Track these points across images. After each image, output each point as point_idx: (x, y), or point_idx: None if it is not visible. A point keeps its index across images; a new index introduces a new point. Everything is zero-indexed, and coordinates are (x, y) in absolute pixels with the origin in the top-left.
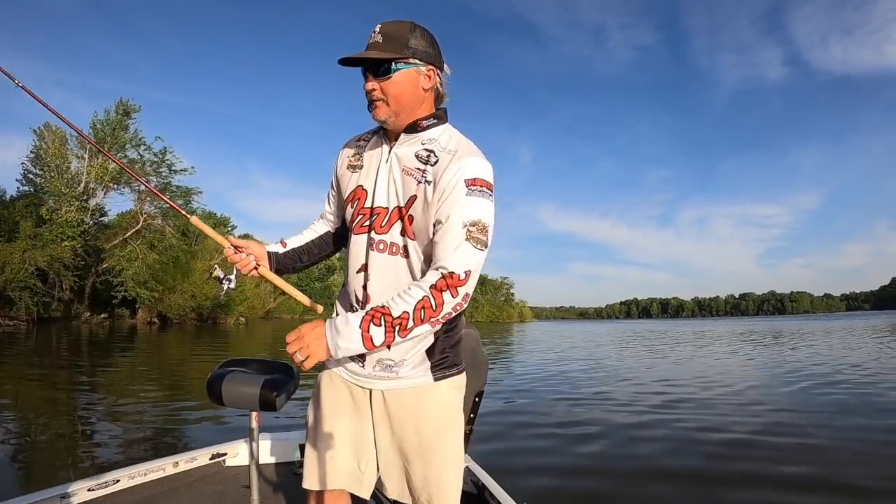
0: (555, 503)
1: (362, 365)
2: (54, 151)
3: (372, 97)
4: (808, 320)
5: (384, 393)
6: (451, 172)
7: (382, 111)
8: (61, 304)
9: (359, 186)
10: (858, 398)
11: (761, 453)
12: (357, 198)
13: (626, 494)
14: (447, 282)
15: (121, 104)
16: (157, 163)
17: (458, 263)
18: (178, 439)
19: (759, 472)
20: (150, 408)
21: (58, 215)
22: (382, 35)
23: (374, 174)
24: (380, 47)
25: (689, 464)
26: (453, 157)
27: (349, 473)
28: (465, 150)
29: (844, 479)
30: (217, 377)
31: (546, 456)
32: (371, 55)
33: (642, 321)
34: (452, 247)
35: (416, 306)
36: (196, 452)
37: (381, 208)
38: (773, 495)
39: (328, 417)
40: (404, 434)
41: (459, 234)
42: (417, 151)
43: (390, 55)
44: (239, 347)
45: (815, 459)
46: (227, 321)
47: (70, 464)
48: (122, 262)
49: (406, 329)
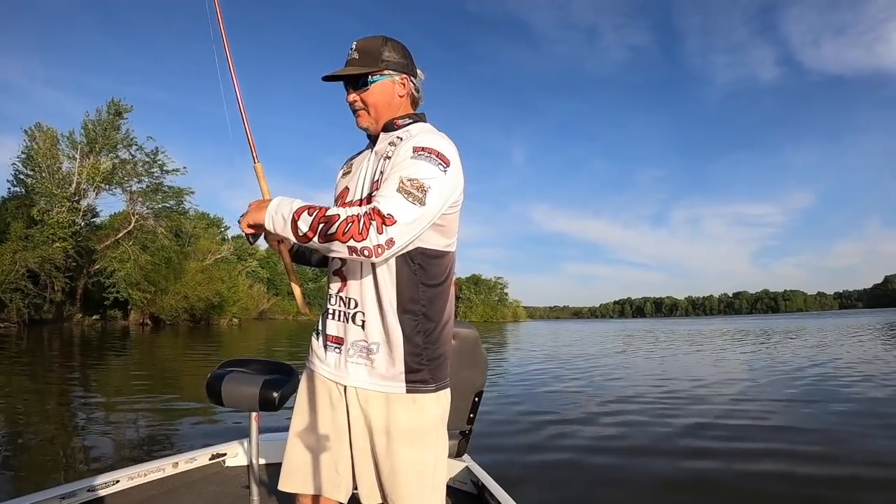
0: (554, 503)
1: (339, 350)
2: (45, 152)
3: (354, 107)
4: (804, 319)
5: (357, 391)
6: (405, 146)
7: (364, 119)
8: (53, 305)
9: (345, 188)
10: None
11: (766, 452)
12: (341, 197)
13: (627, 494)
14: (375, 215)
15: (112, 104)
16: (149, 163)
17: (386, 205)
18: (177, 440)
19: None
20: (145, 409)
21: (49, 216)
22: (358, 52)
23: (359, 173)
24: (357, 63)
25: (689, 463)
26: (410, 136)
27: (327, 479)
28: (427, 130)
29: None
30: (217, 377)
31: (545, 456)
32: (349, 72)
33: (636, 320)
34: (384, 193)
35: (347, 217)
36: (196, 453)
37: (358, 199)
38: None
39: (306, 420)
40: (375, 441)
41: (393, 185)
42: (391, 139)
43: (366, 69)
44: (232, 348)
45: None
46: (221, 322)
47: (64, 466)
48: (114, 264)
49: (328, 235)
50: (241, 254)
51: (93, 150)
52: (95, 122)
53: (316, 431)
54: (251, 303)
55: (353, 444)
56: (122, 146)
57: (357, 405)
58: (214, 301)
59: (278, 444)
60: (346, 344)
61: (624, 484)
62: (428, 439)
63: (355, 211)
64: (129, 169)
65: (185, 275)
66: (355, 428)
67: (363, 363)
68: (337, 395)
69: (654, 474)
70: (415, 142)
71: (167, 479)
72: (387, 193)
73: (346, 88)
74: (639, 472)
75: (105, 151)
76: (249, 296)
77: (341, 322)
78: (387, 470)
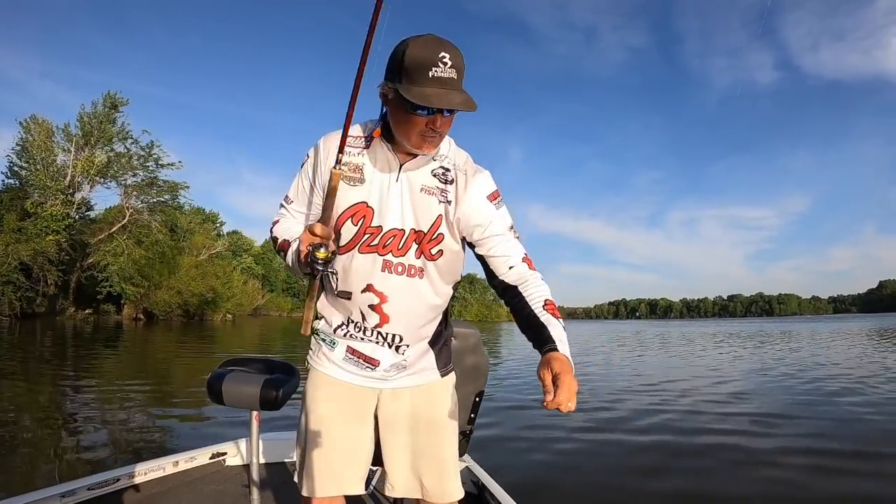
0: (554, 502)
1: (373, 369)
2: (40, 144)
3: (435, 133)
4: (797, 322)
5: (395, 391)
6: (472, 193)
7: (437, 144)
8: (46, 299)
9: (361, 202)
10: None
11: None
12: (360, 214)
13: (626, 494)
14: (531, 264)
15: (108, 97)
16: (144, 156)
17: (524, 251)
18: (177, 439)
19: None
20: (143, 408)
21: (43, 209)
22: (456, 70)
23: (383, 193)
24: (458, 86)
25: (689, 462)
26: (467, 177)
27: (349, 480)
28: (471, 167)
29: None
30: (217, 376)
31: (544, 455)
32: (471, 106)
33: (630, 321)
34: (512, 246)
35: (547, 290)
36: (196, 452)
37: (397, 230)
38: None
39: (327, 423)
40: (416, 428)
41: (512, 236)
42: (434, 170)
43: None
44: (227, 345)
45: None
46: (214, 318)
47: (57, 466)
48: (108, 258)
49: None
50: (236, 249)
51: (88, 143)
52: (91, 115)
53: (337, 434)
54: (246, 299)
55: (387, 437)
56: (118, 139)
57: (391, 400)
58: (208, 296)
59: (278, 443)
60: (384, 364)
61: (624, 484)
62: (455, 415)
63: (539, 277)
64: (124, 162)
65: (178, 270)
66: (389, 422)
67: (398, 376)
68: (363, 393)
69: (655, 474)
70: (483, 190)
71: (167, 478)
72: (513, 245)
73: (433, 111)
74: (639, 472)
75: (100, 144)
76: (244, 292)
77: (378, 346)
78: (429, 446)
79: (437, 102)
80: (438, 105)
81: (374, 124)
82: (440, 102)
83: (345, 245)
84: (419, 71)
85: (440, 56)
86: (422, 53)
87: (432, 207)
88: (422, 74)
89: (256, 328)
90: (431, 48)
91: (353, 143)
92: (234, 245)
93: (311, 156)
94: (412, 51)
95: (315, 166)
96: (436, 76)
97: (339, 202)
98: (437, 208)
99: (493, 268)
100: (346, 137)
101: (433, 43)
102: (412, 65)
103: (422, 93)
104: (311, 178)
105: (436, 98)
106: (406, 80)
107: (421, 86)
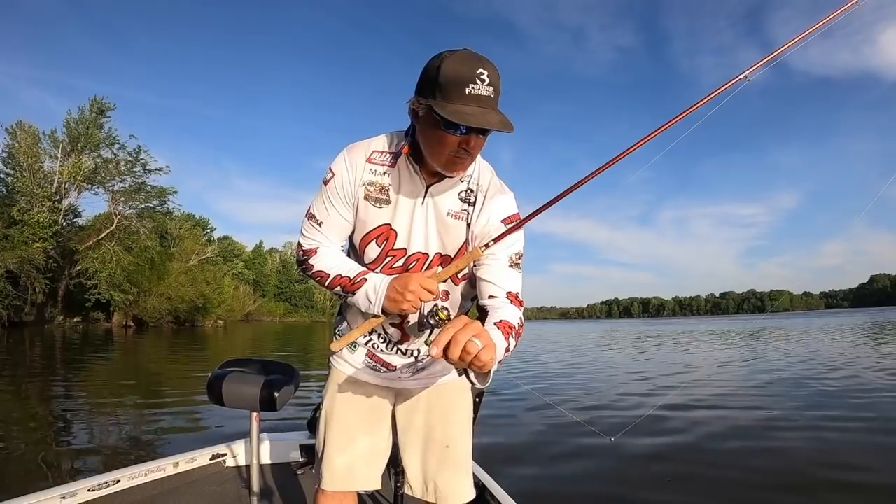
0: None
1: (392, 369)
2: (26, 150)
3: (468, 153)
4: (788, 318)
5: (412, 391)
6: (488, 215)
7: (467, 166)
8: (34, 307)
9: (385, 224)
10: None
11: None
12: (385, 236)
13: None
14: (519, 305)
15: (95, 102)
16: (132, 162)
17: (514, 286)
18: (176, 441)
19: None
20: (139, 413)
21: (29, 216)
22: (493, 88)
23: (407, 216)
24: (494, 105)
25: (689, 462)
26: (486, 197)
27: (365, 477)
28: (493, 187)
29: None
30: (217, 377)
31: (544, 455)
32: (508, 128)
33: (623, 321)
34: (505, 276)
35: (521, 322)
36: (196, 453)
37: (421, 254)
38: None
39: (346, 421)
40: (432, 428)
41: (507, 266)
42: (461, 193)
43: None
44: (219, 351)
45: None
46: (205, 324)
47: (55, 470)
48: (96, 265)
49: (517, 338)
50: (226, 255)
51: (75, 149)
52: (78, 121)
53: (358, 432)
54: (237, 304)
55: (408, 439)
56: (105, 145)
57: (410, 398)
58: (199, 303)
59: (279, 443)
60: (400, 367)
61: (623, 483)
62: (470, 414)
63: (517, 313)
64: (112, 168)
65: (168, 276)
66: (411, 423)
67: (417, 377)
68: (382, 392)
69: (654, 474)
70: (499, 213)
71: (167, 479)
72: (510, 282)
73: (467, 130)
74: (638, 472)
75: (87, 150)
76: (235, 297)
77: (398, 357)
78: (448, 445)
79: (473, 121)
80: (475, 124)
81: (401, 139)
82: (477, 121)
83: (368, 266)
84: (455, 87)
85: (478, 72)
86: (458, 69)
87: (459, 233)
88: (458, 91)
89: (248, 334)
90: (469, 64)
91: (378, 158)
92: (224, 250)
93: (337, 172)
94: (448, 66)
95: (342, 183)
96: (472, 93)
97: (365, 223)
98: (464, 232)
99: (478, 288)
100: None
101: (470, 58)
102: (448, 80)
103: (458, 110)
104: (340, 196)
105: (472, 117)
106: (440, 97)
107: (457, 103)
